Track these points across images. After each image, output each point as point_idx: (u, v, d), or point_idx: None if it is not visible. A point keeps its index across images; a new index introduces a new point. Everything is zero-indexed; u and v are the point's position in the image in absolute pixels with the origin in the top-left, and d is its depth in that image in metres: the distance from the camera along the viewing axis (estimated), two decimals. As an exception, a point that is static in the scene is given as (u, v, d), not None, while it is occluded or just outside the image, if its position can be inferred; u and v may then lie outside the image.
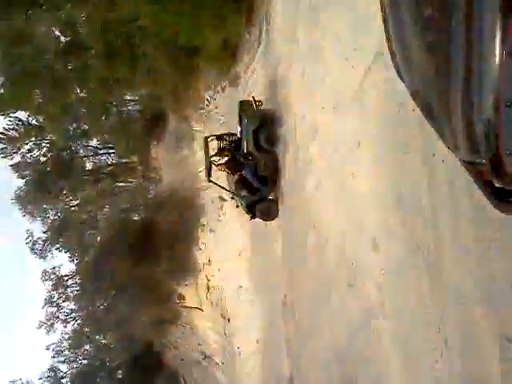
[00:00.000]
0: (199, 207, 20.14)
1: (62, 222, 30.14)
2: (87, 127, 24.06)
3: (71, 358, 34.54)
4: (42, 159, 27.48)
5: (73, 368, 34.37)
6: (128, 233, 23.30)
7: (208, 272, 21.17)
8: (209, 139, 14.42)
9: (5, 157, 26.42)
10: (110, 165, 30.08)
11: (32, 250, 31.70)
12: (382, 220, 8.65)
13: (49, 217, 30.63)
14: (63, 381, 34.08)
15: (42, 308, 32.37)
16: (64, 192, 28.72)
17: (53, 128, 23.29)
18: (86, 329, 32.70)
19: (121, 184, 30.14)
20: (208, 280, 21.18)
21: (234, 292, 18.88)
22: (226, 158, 13.87)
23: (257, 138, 12.70)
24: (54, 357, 33.84)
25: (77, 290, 31.47)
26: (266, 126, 12.69)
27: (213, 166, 14.05)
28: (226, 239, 17.71)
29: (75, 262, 32.23)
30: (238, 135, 13.35)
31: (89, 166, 29.79)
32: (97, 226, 30.57)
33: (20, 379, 32.39)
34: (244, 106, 13.43)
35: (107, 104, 22.05)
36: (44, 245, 31.50)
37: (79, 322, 33.10)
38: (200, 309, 22.33)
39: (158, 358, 27.34)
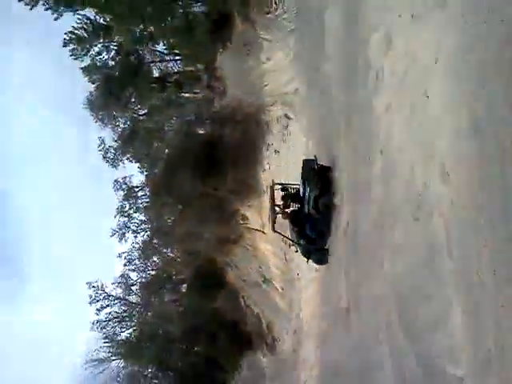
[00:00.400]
0: (264, 124, 19.86)
1: (131, 132, 31.32)
2: (153, 29, 24.06)
3: (141, 268, 37.33)
4: (111, 63, 28.15)
5: (142, 277, 37.18)
6: (194, 147, 23.77)
7: (272, 194, 21.30)
8: (275, 187, 16.62)
9: (76, 58, 27.40)
10: (176, 73, 30.26)
11: (104, 158, 33.46)
12: (455, 148, 7.99)
13: (118, 125, 31.94)
14: (133, 288, 37.09)
15: (115, 217, 34.74)
16: (132, 100, 29.53)
17: (119, 28, 23.55)
18: (155, 241, 34.82)
19: (186, 95, 30.38)
20: (271, 203, 21.36)
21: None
22: (290, 210, 16.10)
23: (317, 202, 14.78)
24: (125, 265, 36.79)
25: (146, 202, 33.26)
26: (325, 195, 14.69)
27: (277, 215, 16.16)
28: (290, 161, 17.48)
29: (144, 173, 33.81)
30: (301, 194, 15.31)
31: (155, 73, 30.20)
32: (164, 137, 31.46)
33: (96, 281, 35.38)
34: (307, 166, 15.20)
35: (172, 3, 21.77)
36: (115, 154, 33.10)
37: (148, 233, 35.26)
38: (262, 231, 22.79)
39: (220, 276, 28.78)
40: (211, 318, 29.04)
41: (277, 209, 16.08)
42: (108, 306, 36.10)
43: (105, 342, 35.13)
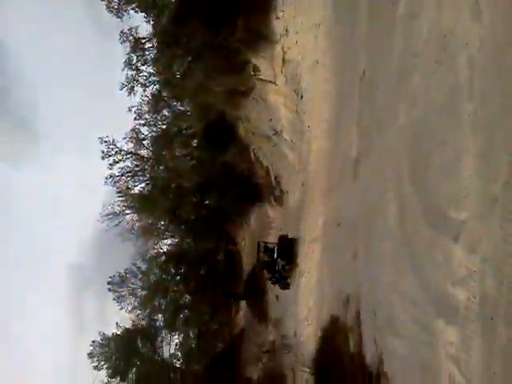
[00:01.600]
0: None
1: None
2: None
3: (151, 122, 37.04)
4: None
5: (152, 131, 37.10)
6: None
7: (285, 44, 20.14)
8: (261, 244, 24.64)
9: None
10: None
11: (108, 8, 31.37)
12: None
13: (121, -31, 29.42)
14: (144, 142, 37.26)
15: (122, 70, 33.61)
16: None
17: None
18: (164, 94, 34.14)
19: None
20: (284, 52, 20.27)
21: (310, 67, 18.16)
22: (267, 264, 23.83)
23: (284, 266, 22.10)
24: (135, 119, 36.45)
25: (154, 54, 31.93)
26: (289, 263, 21.73)
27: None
28: (305, 8, 16.18)
29: (151, 23, 31.93)
30: (275, 256, 22.64)
31: None
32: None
33: (107, 136, 35.35)
34: (281, 240, 22.63)
35: None
36: (119, 3, 30.95)
37: (157, 86, 34.40)
38: (274, 83, 21.98)
39: (230, 130, 28.55)
40: (222, 171, 29.48)
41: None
42: (120, 160, 36.42)
43: (119, 197, 36.15)
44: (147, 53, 33.47)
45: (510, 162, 6.90)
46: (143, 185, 37.33)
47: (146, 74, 34.56)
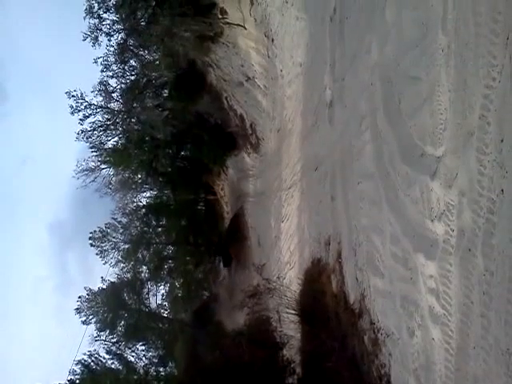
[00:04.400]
0: None
1: None
2: None
3: (119, 73, 35.87)
4: None
5: (121, 83, 36.04)
6: None
7: (251, -17, 19.50)
8: None
9: None
10: None
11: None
12: None
13: None
14: (114, 95, 36.22)
15: (84, 19, 32.13)
16: None
17: None
18: (130, 42, 32.95)
19: None
20: (252, -6, 19.66)
21: (280, 8, 17.59)
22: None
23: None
24: (102, 71, 35.22)
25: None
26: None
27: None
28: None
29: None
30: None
31: None
32: None
33: (75, 90, 34.28)
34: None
35: None
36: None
37: (122, 35, 33.04)
38: (243, 26, 21.30)
39: (201, 79, 27.90)
40: (195, 121, 29.08)
41: None
42: (91, 115, 35.52)
43: (92, 152, 35.50)
44: (109, -1, 31.95)
45: (485, 94, 6.83)
46: (116, 138, 36.59)
47: (109, 21, 33.10)
